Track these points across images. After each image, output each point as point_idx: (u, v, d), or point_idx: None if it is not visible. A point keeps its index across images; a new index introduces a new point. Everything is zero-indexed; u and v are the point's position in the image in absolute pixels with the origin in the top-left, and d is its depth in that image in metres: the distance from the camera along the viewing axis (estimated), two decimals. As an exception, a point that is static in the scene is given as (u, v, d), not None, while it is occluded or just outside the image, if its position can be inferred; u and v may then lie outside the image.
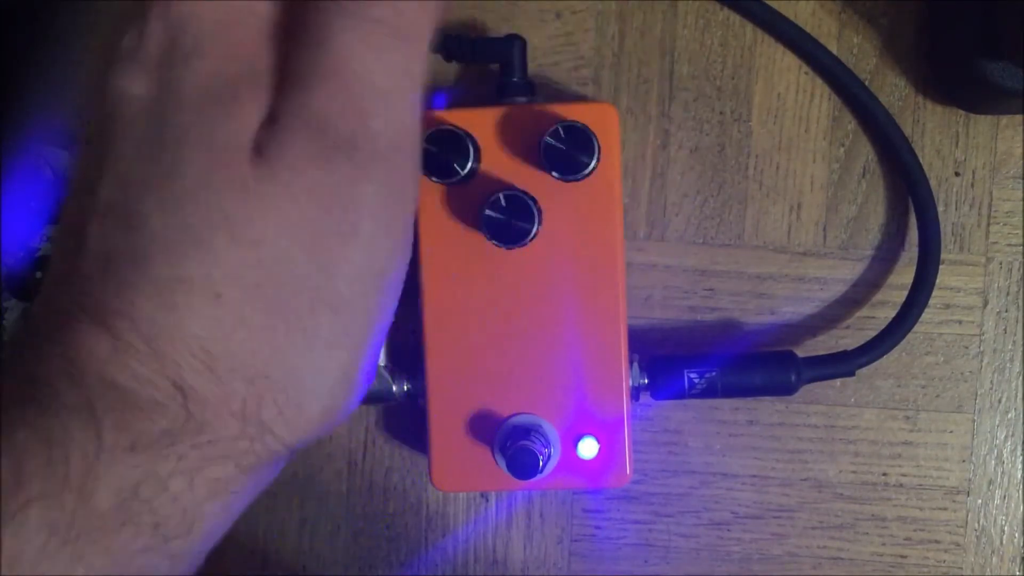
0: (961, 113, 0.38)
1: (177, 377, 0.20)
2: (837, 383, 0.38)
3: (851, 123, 0.38)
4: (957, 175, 0.38)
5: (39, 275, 0.35)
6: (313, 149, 0.20)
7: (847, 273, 0.38)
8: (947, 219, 0.38)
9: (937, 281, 0.36)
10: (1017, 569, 0.38)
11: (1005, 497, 0.38)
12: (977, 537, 0.38)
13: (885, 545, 0.39)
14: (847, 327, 0.38)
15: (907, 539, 0.38)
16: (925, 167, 0.37)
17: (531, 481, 0.32)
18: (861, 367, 0.36)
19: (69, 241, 0.20)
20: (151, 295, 0.20)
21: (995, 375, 0.38)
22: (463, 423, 0.34)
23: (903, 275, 0.38)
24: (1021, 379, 0.38)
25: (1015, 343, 0.38)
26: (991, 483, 0.38)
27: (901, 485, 0.38)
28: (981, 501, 0.38)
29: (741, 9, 0.37)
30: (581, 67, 0.38)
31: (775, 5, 0.37)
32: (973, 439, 0.38)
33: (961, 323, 0.38)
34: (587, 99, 0.38)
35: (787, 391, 0.36)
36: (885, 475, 0.38)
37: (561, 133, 0.32)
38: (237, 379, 0.20)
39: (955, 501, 0.38)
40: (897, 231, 0.38)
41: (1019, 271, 0.38)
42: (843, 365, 0.36)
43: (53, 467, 0.18)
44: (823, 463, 0.38)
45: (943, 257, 0.37)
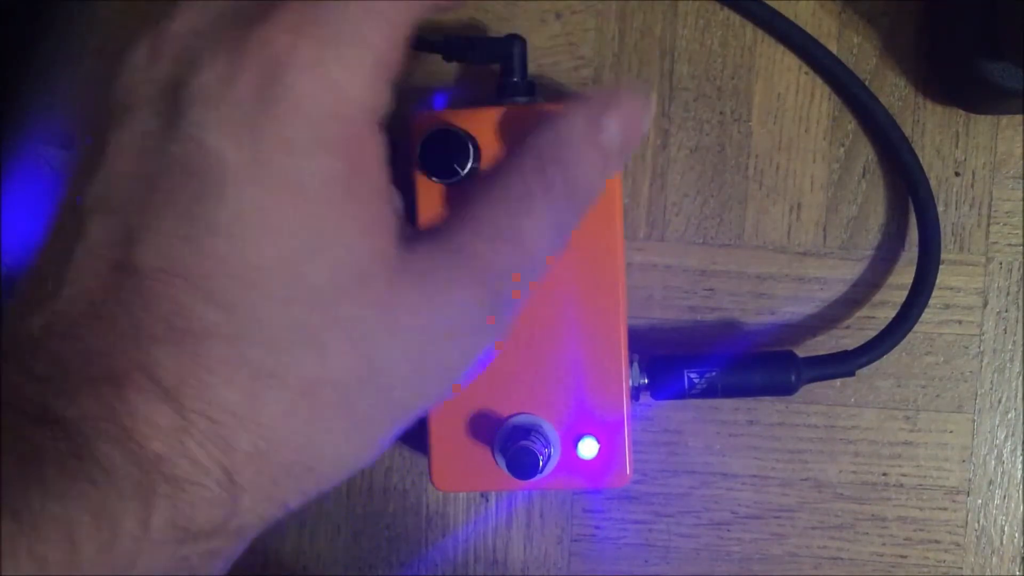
0: (961, 113, 0.38)
1: (229, 463, 0.19)
2: (837, 383, 0.38)
3: (851, 123, 0.38)
4: (957, 175, 0.38)
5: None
6: (470, 296, 0.21)
7: (847, 273, 0.38)
8: (947, 219, 0.38)
9: (937, 281, 0.36)
10: (1017, 569, 0.38)
11: (1005, 497, 0.38)
12: (977, 537, 0.38)
13: (885, 545, 0.39)
14: (847, 327, 0.38)
15: (907, 539, 0.38)
16: (925, 167, 0.37)
17: (531, 481, 0.32)
18: (861, 367, 0.36)
19: (114, 280, 0.19)
20: (235, 383, 0.19)
21: (995, 375, 0.38)
22: (463, 423, 0.34)
23: (903, 275, 0.38)
24: (1021, 379, 0.38)
25: (1015, 343, 0.38)
26: (991, 483, 0.38)
27: (901, 485, 0.38)
28: (981, 501, 0.38)
29: (741, 9, 0.37)
30: (581, 67, 0.38)
31: (775, 5, 0.37)
32: (973, 439, 0.38)
33: (961, 323, 0.38)
34: (587, 99, 0.38)
35: (787, 391, 0.36)
36: (885, 475, 0.38)
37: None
38: (284, 471, 0.20)
39: (955, 501, 0.38)
40: (897, 231, 0.38)
41: (1019, 271, 0.38)
42: (843, 365, 0.36)
43: (103, 553, 0.17)
44: (823, 463, 0.38)
45: (943, 257, 0.37)
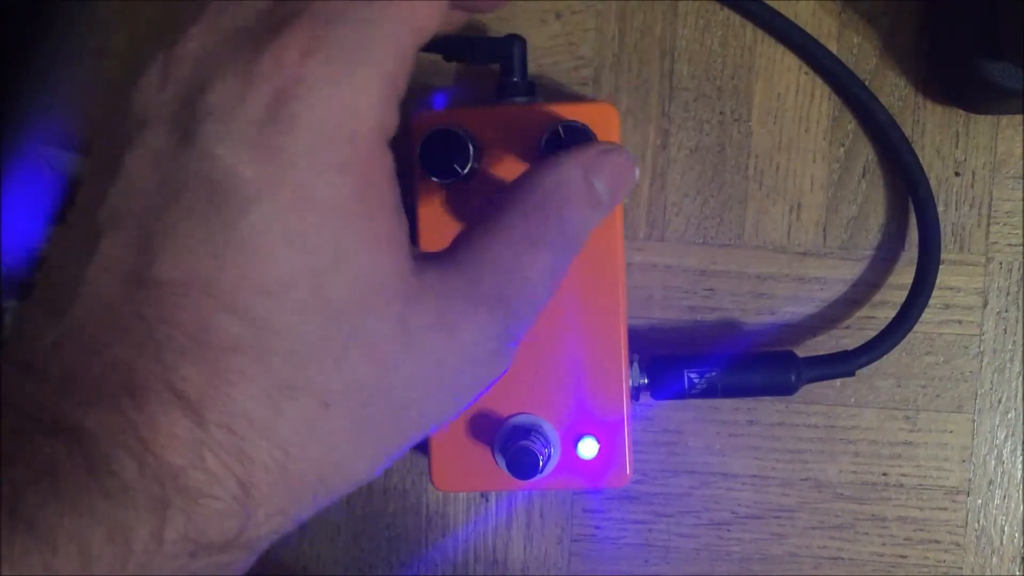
0: (961, 113, 0.38)
1: (245, 476, 0.19)
2: (837, 383, 0.38)
3: (851, 123, 0.38)
4: (957, 175, 0.38)
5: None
6: (487, 326, 0.22)
7: (847, 273, 0.38)
8: (947, 219, 0.38)
9: (937, 281, 0.36)
10: (1017, 569, 0.38)
11: (1005, 497, 0.38)
12: (977, 537, 0.38)
13: (885, 545, 0.39)
14: (847, 327, 0.38)
15: (907, 539, 0.38)
16: (925, 167, 0.37)
17: (531, 481, 0.32)
18: (861, 367, 0.36)
19: (132, 293, 0.19)
20: (256, 395, 0.19)
21: (995, 375, 0.38)
22: (463, 423, 0.34)
23: (903, 275, 0.38)
24: (1021, 379, 0.38)
25: (1015, 343, 0.38)
26: (991, 483, 0.38)
27: (901, 485, 0.38)
28: (981, 501, 0.38)
29: (741, 9, 0.37)
30: (581, 67, 0.38)
31: (775, 5, 0.37)
32: (973, 439, 0.38)
33: (961, 323, 0.38)
34: (587, 99, 0.38)
35: (787, 391, 0.36)
36: (885, 475, 0.38)
37: (561, 133, 0.32)
38: (300, 484, 0.20)
39: (955, 501, 0.38)
40: (897, 231, 0.38)
41: (1019, 271, 0.38)
42: (843, 365, 0.36)
43: (115, 567, 0.17)
44: (823, 463, 0.38)
45: (943, 257, 0.37)
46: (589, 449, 0.34)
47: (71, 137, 0.38)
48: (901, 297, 0.36)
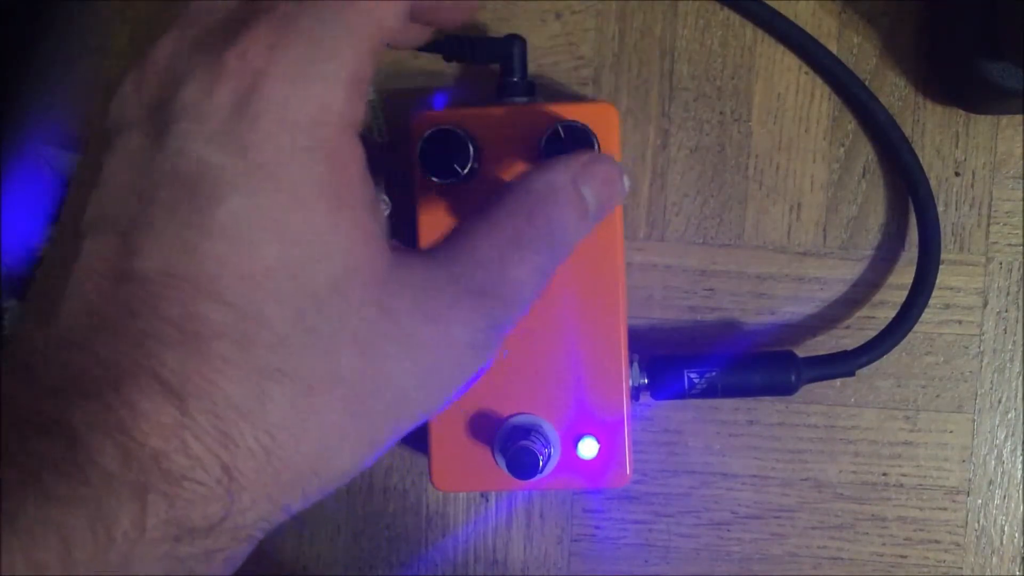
0: (961, 113, 0.38)
1: (229, 460, 0.19)
2: (837, 383, 0.38)
3: (851, 123, 0.38)
4: (957, 175, 0.38)
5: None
6: (471, 319, 0.23)
7: (847, 273, 0.38)
8: (947, 219, 0.38)
9: (937, 281, 0.36)
10: (1017, 569, 0.38)
11: (1005, 497, 0.38)
12: (977, 537, 0.38)
13: (885, 545, 0.39)
14: (847, 327, 0.38)
15: (907, 539, 0.38)
16: (925, 167, 0.37)
17: (531, 481, 0.32)
18: (861, 367, 0.36)
19: (117, 291, 0.19)
20: (240, 380, 0.19)
21: (995, 375, 0.38)
22: (463, 423, 0.34)
23: (903, 275, 0.38)
24: (1021, 379, 0.38)
25: (1015, 343, 0.38)
26: (991, 483, 0.38)
27: (901, 485, 0.38)
28: (981, 501, 0.38)
29: (741, 9, 0.37)
30: (581, 67, 0.38)
31: (775, 5, 0.37)
32: (973, 439, 0.38)
33: (961, 323, 0.38)
34: (587, 99, 0.38)
35: (787, 391, 0.36)
36: (885, 475, 0.38)
37: (561, 133, 0.32)
38: (286, 469, 0.20)
39: (955, 501, 0.38)
40: (897, 231, 0.38)
41: (1019, 271, 0.38)
42: (843, 365, 0.36)
43: (98, 553, 0.17)
44: (823, 463, 0.38)
45: (943, 257, 0.37)
46: (589, 449, 0.34)
47: (71, 137, 0.38)
48: (901, 297, 0.36)
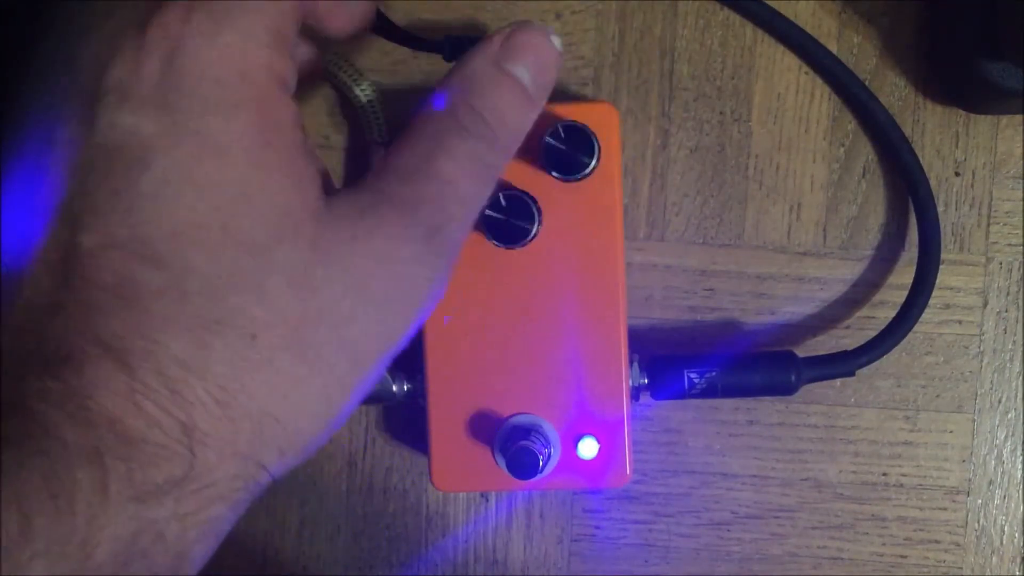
0: (961, 113, 0.38)
1: (187, 418, 0.19)
2: (837, 383, 0.38)
3: (851, 123, 0.38)
4: (957, 175, 0.38)
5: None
6: (398, 228, 0.22)
7: (847, 273, 0.38)
8: (947, 219, 0.38)
9: (937, 281, 0.36)
10: (1017, 569, 0.38)
11: (1005, 497, 0.38)
12: (977, 537, 0.38)
13: (885, 545, 0.39)
14: (847, 327, 0.38)
15: (907, 539, 0.38)
16: (925, 167, 0.37)
17: (531, 481, 0.32)
18: (861, 367, 0.36)
19: (65, 268, 0.20)
20: (182, 335, 0.19)
21: (995, 375, 0.38)
22: (463, 423, 0.34)
23: (903, 275, 0.38)
24: (1021, 379, 0.38)
25: (1015, 343, 0.38)
26: (991, 483, 0.38)
27: (901, 485, 0.38)
28: (981, 501, 0.38)
29: (741, 9, 0.37)
30: (581, 67, 0.38)
31: (775, 5, 0.37)
32: (973, 439, 0.38)
33: (961, 323, 0.38)
34: (587, 99, 0.38)
35: (787, 391, 0.36)
36: (885, 475, 0.38)
37: (561, 133, 0.32)
38: (246, 420, 0.20)
39: (955, 501, 0.38)
40: (897, 231, 0.38)
41: (1019, 271, 0.38)
42: (843, 365, 0.36)
43: (59, 520, 0.17)
44: (823, 463, 0.38)
45: (943, 257, 0.37)
46: (589, 449, 0.34)
47: (48, 161, 0.38)
48: (901, 297, 0.36)
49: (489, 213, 0.32)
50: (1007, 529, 0.38)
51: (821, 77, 0.38)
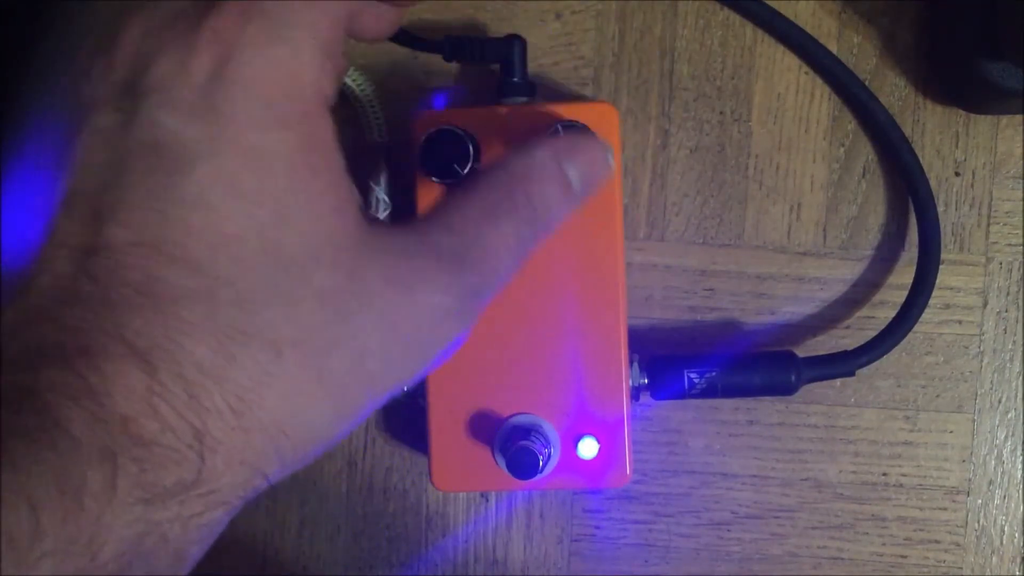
0: (961, 113, 0.38)
1: (201, 424, 0.19)
2: (837, 383, 0.38)
3: (851, 123, 0.38)
4: (957, 175, 0.38)
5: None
6: (441, 282, 0.22)
7: (847, 273, 0.38)
8: (947, 219, 0.38)
9: (937, 281, 0.36)
10: (1017, 569, 0.38)
11: (1005, 497, 0.38)
12: (977, 537, 0.38)
13: (885, 545, 0.39)
14: (847, 327, 0.38)
15: (907, 539, 0.38)
16: (925, 167, 0.37)
17: (531, 481, 0.32)
18: (861, 367, 0.36)
19: (86, 259, 0.20)
20: (207, 341, 0.19)
21: (995, 375, 0.38)
22: (463, 423, 0.34)
23: (903, 275, 0.38)
24: (1021, 379, 0.38)
25: (1015, 343, 0.38)
26: (991, 483, 0.38)
27: (901, 485, 0.38)
28: (981, 501, 0.38)
29: (741, 9, 0.37)
30: (581, 67, 0.38)
31: (775, 5, 0.37)
32: (973, 439, 0.38)
33: (961, 323, 0.38)
34: (587, 99, 0.38)
35: (787, 391, 0.36)
36: (885, 475, 0.38)
37: (561, 133, 0.32)
38: (257, 432, 0.20)
39: (955, 501, 0.38)
40: (897, 231, 0.38)
41: (1019, 271, 0.38)
42: (843, 365, 0.36)
43: (68, 519, 0.17)
44: (823, 463, 0.38)
45: (943, 257, 0.37)
46: (589, 449, 0.34)
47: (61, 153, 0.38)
48: (901, 297, 0.36)
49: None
50: (1007, 529, 0.38)
51: (821, 77, 0.38)
